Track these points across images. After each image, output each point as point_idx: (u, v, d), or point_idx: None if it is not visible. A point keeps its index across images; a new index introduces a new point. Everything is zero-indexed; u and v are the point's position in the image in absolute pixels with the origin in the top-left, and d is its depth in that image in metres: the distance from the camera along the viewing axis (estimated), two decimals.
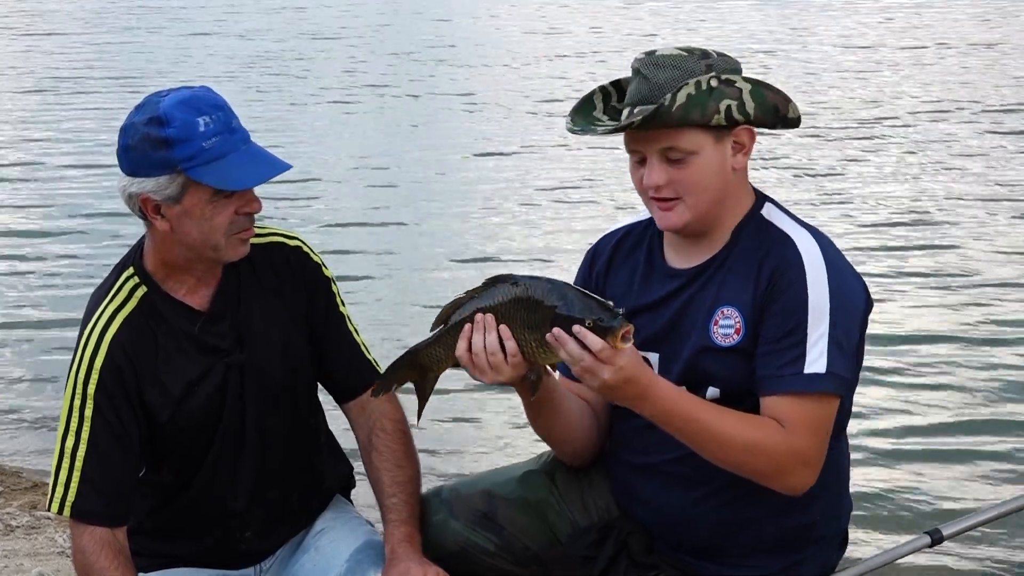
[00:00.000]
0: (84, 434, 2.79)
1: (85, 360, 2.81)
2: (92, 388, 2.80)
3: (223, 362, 2.89)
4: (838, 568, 2.93)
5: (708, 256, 2.79)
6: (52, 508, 2.82)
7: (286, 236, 3.03)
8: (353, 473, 3.25)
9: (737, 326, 2.72)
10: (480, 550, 2.96)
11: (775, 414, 2.65)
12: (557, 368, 2.78)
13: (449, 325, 2.68)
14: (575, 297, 2.55)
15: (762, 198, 2.83)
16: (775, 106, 2.73)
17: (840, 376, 2.66)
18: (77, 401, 2.80)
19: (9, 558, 4.55)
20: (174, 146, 2.69)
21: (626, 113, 2.74)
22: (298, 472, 3.04)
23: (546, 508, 2.97)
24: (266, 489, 2.99)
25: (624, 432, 2.89)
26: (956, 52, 16.45)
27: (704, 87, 2.65)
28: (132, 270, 2.88)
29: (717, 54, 2.74)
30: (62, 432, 2.81)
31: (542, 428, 2.89)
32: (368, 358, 3.08)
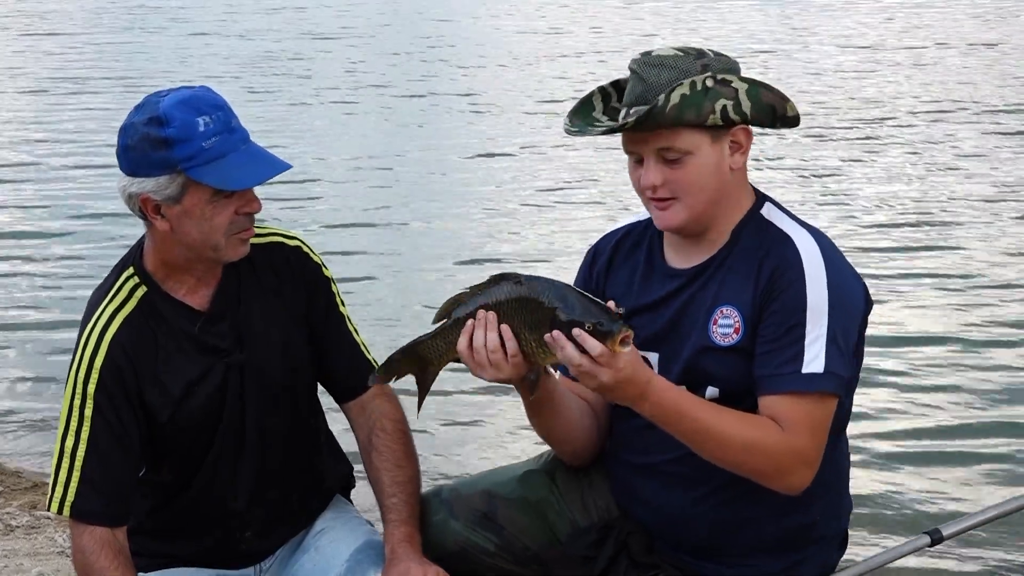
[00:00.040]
0: (84, 434, 2.79)
1: (85, 360, 2.81)
2: (92, 388, 2.79)
3: (223, 362, 2.89)
4: (838, 568, 2.93)
5: (708, 256, 2.79)
6: (52, 508, 2.82)
7: (286, 236, 3.03)
8: (353, 473, 3.25)
9: (736, 326, 2.72)
10: (480, 550, 2.95)
11: (773, 413, 2.64)
12: (557, 368, 2.78)
13: (452, 320, 2.68)
14: (576, 300, 2.54)
15: (762, 198, 2.83)
16: (772, 105, 2.73)
17: (838, 376, 2.66)
18: (77, 401, 2.80)
19: (9, 558, 4.55)
20: (174, 146, 2.69)
21: (623, 114, 2.74)
22: (298, 472, 3.04)
23: (546, 508, 2.97)
24: (266, 489, 2.98)
25: (624, 432, 2.89)
26: (957, 52, 16.45)
27: (699, 87, 2.65)
28: (132, 270, 2.88)
29: (714, 54, 2.74)
30: (62, 432, 2.81)
31: (542, 427, 2.89)
32: (368, 358, 3.08)
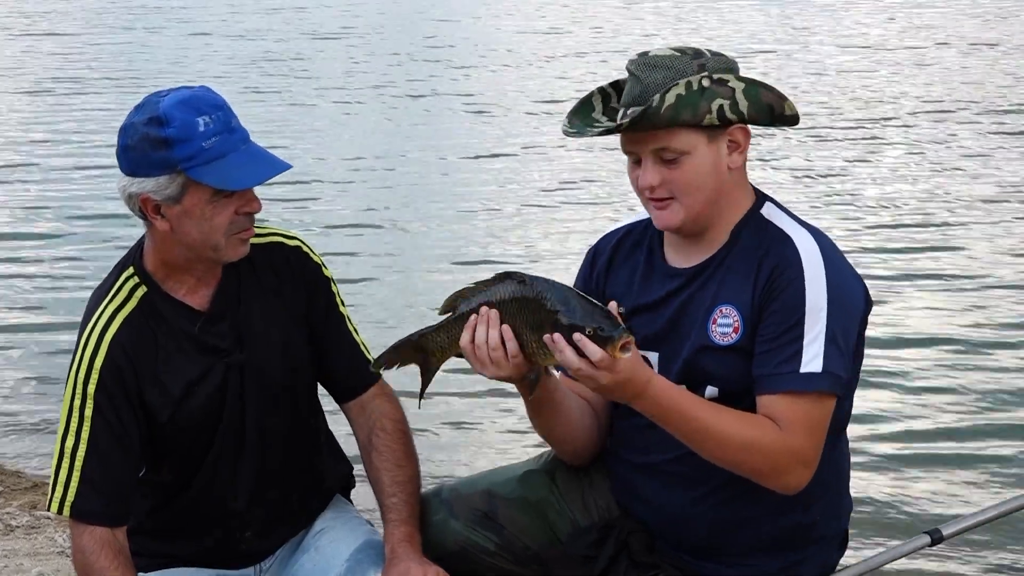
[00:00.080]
0: (84, 434, 2.79)
1: (85, 360, 2.81)
2: (92, 388, 2.79)
3: (223, 362, 2.88)
4: (838, 568, 2.93)
5: (707, 255, 2.79)
6: (52, 508, 2.82)
7: (286, 236, 3.03)
8: (353, 473, 3.24)
9: (735, 325, 2.72)
10: (480, 550, 2.95)
11: (772, 413, 2.64)
12: (558, 368, 2.78)
13: (456, 314, 2.68)
14: (578, 303, 2.54)
15: (762, 198, 2.83)
16: (770, 105, 2.72)
17: (837, 375, 2.66)
18: (77, 401, 2.80)
19: (9, 558, 4.55)
20: (174, 146, 2.69)
21: (620, 114, 2.74)
22: (298, 472, 3.04)
23: (546, 507, 2.97)
24: (266, 489, 2.98)
25: (625, 431, 2.89)
26: (958, 52, 16.43)
27: (695, 87, 2.65)
28: (132, 270, 2.88)
29: (711, 53, 2.74)
30: (62, 432, 2.81)
31: (542, 427, 2.89)
32: (368, 358, 3.07)
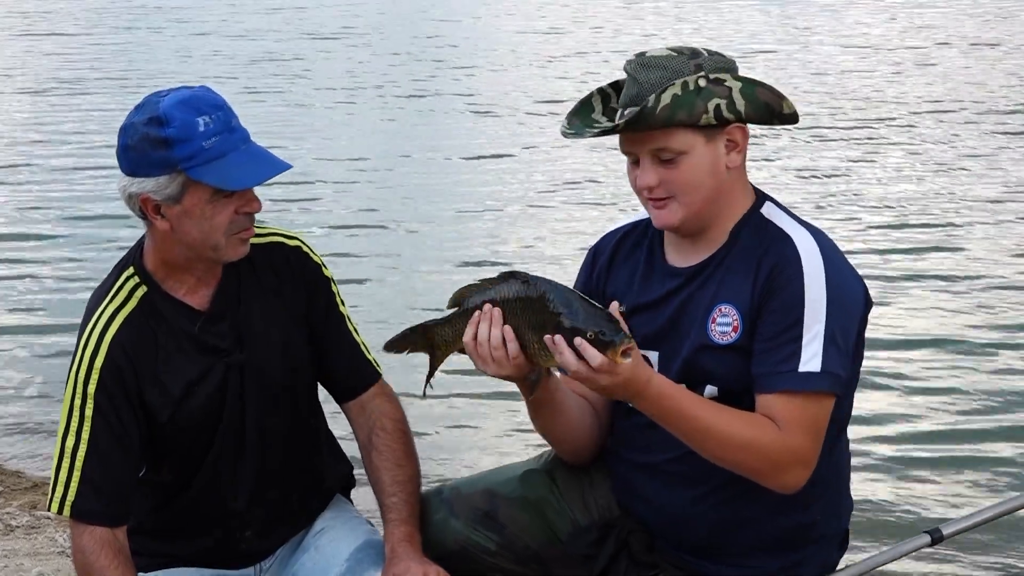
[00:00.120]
0: (84, 434, 2.79)
1: (85, 360, 2.81)
2: (92, 388, 2.79)
3: (223, 362, 2.88)
4: (838, 567, 2.93)
5: (707, 255, 2.79)
6: (52, 508, 2.82)
7: (286, 236, 3.03)
8: (353, 473, 3.24)
9: (735, 324, 2.72)
10: (481, 549, 2.95)
11: (770, 412, 2.64)
12: (559, 368, 2.78)
13: (461, 310, 2.69)
14: (580, 306, 2.54)
15: (762, 197, 2.83)
16: (767, 103, 2.72)
17: (836, 375, 2.66)
18: (77, 401, 2.80)
19: (9, 558, 4.55)
20: (174, 146, 2.69)
21: (618, 115, 2.74)
22: (298, 472, 3.04)
23: (547, 507, 2.97)
24: (266, 489, 2.98)
25: (625, 430, 2.89)
26: (959, 52, 16.43)
27: (691, 87, 2.65)
28: (132, 270, 2.88)
29: (708, 53, 2.74)
30: (62, 432, 2.81)
31: (542, 426, 2.89)
32: (368, 358, 3.08)
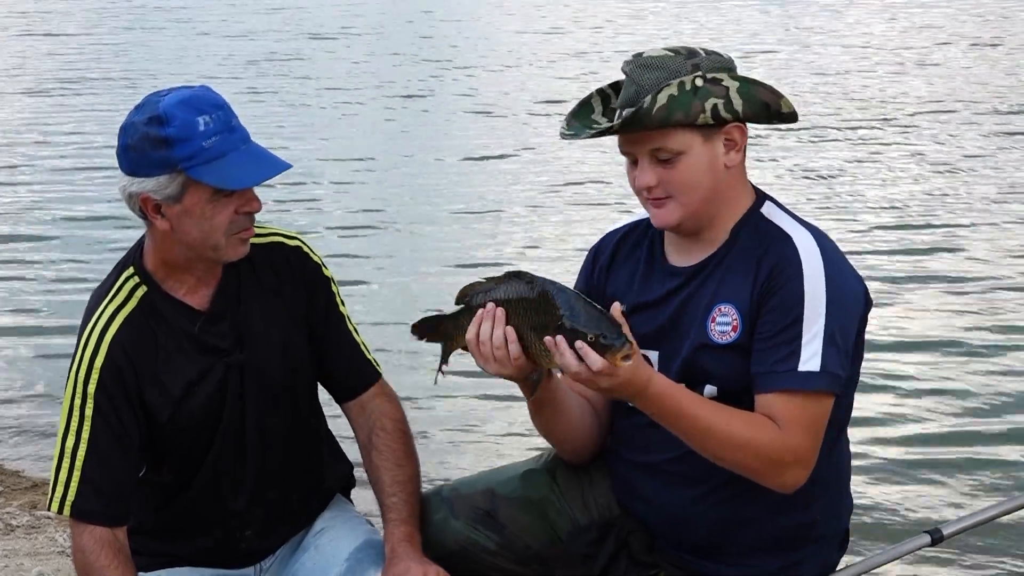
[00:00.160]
0: (84, 434, 2.79)
1: (85, 360, 2.81)
2: (92, 388, 2.79)
3: (223, 362, 2.88)
4: (838, 567, 2.93)
5: (707, 254, 2.79)
6: (52, 507, 2.82)
7: (286, 236, 3.03)
8: (353, 473, 3.24)
9: (734, 323, 2.72)
10: (481, 549, 2.95)
11: (769, 412, 2.64)
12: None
13: (465, 307, 2.70)
14: (582, 309, 2.54)
15: (763, 197, 2.83)
16: (765, 102, 2.72)
17: (835, 374, 2.66)
18: (77, 401, 2.80)
19: (9, 558, 4.55)
20: (174, 145, 2.69)
21: (616, 116, 2.74)
22: (298, 472, 3.04)
23: (547, 506, 2.97)
24: (266, 489, 2.98)
25: (626, 429, 2.89)
26: (960, 51, 16.42)
27: (688, 87, 2.65)
28: (132, 270, 2.88)
29: (706, 53, 2.74)
30: (62, 432, 2.81)
31: (543, 425, 2.90)
32: (368, 358, 3.08)
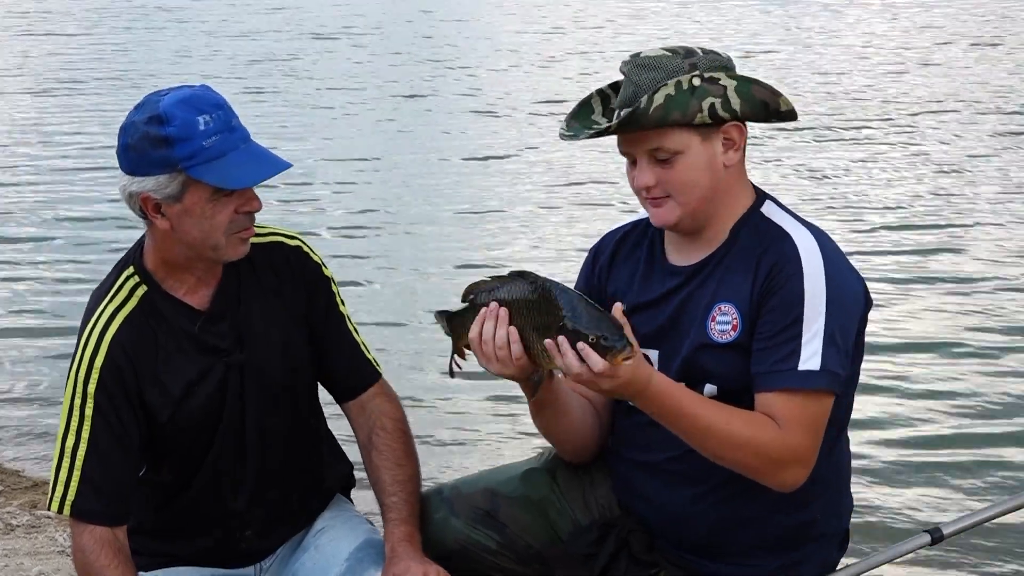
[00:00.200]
0: (84, 433, 2.79)
1: (85, 359, 2.80)
2: (92, 387, 2.79)
3: (223, 362, 2.88)
4: (839, 567, 2.93)
5: (707, 253, 2.79)
6: (52, 507, 2.82)
7: (286, 236, 3.03)
8: (353, 473, 3.24)
9: (734, 322, 2.72)
10: (482, 548, 2.95)
11: (770, 411, 2.64)
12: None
13: (470, 305, 2.71)
14: (584, 310, 2.55)
15: (763, 196, 2.83)
16: (763, 101, 2.72)
17: (835, 373, 2.66)
18: (77, 400, 2.80)
19: (9, 557, 4.55)
20: (174, 145, 2.69)
21: (615, 116, 2.74)
22: (298, 472, 3.04)
23: (547, 506, 2.97)
24: (266, 489, 2.98)
25: (626, 428, 2.89)
26: (961, 51, 16.43)
27: (685, 87, 2.65)
28: (132, 269, 2.88)
29: (703, 52, 2.74)
30: (62, 431, 2.81)
31: (544, 426, 2.90)
32: (368, 358, 3.08)
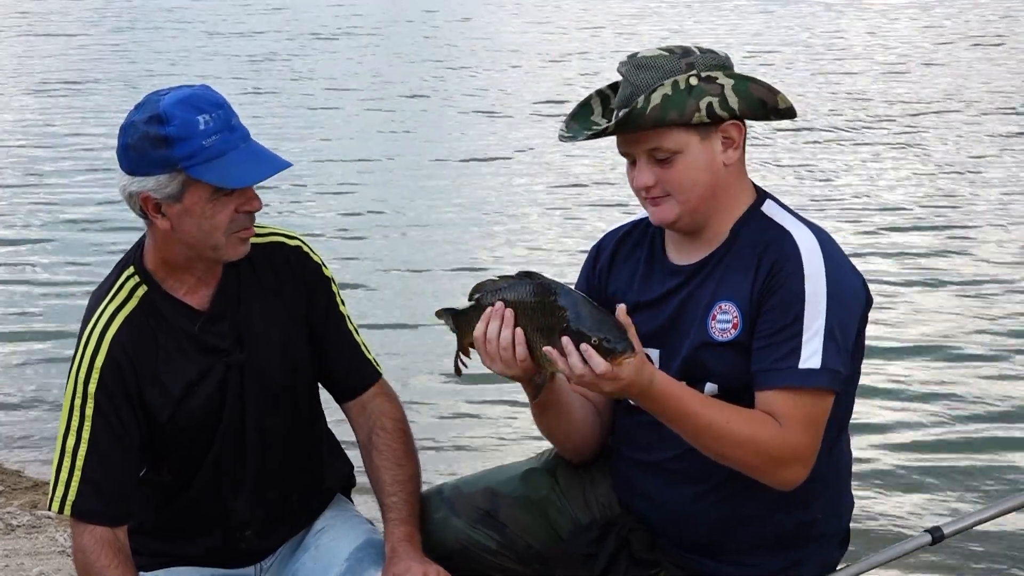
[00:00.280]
0: (85, 433, 2.79)
1: (86, 359, 2.80)
2: (93, 387, 2.79)
3: (223, 362, 2.88)
4: (839, 566, 2.93)
5: (707, 252, 2.79)
6: (53, 507, 2.82)
7: (286, 236, 3.03)
8: (354, 473, 3.24)
9: (735, 321, 2.72)
10: (482, 548, 2.95)
11: (770, 409, 2.64)
12: None
13: (476, 304, 2.71)
14: (588, 312, 2.55)
15: (763, 195, 2.83)
16: (761, 99, 2.72)
17: (835, 371, 2.65)
18: (78, 400, 2.80)
19: (10, 557, 4.56)
20: (174, 144, 2.69)
21: (613, 116, 2.74)
22: (298, 472, 3.04)
23: (548, 506, 2.97)
24: (266, 489, 2.98)
25: (627, 428, 2.89)
26: (963, 51, 16.42)
27: (682, 86, 2.65)
28: (132, 269, 2.88)
29: (701, 51, 2.73)
30: (63, 431, 2.81)
31: (546, 426, 2.90)
32: (368, 358, 3.08)
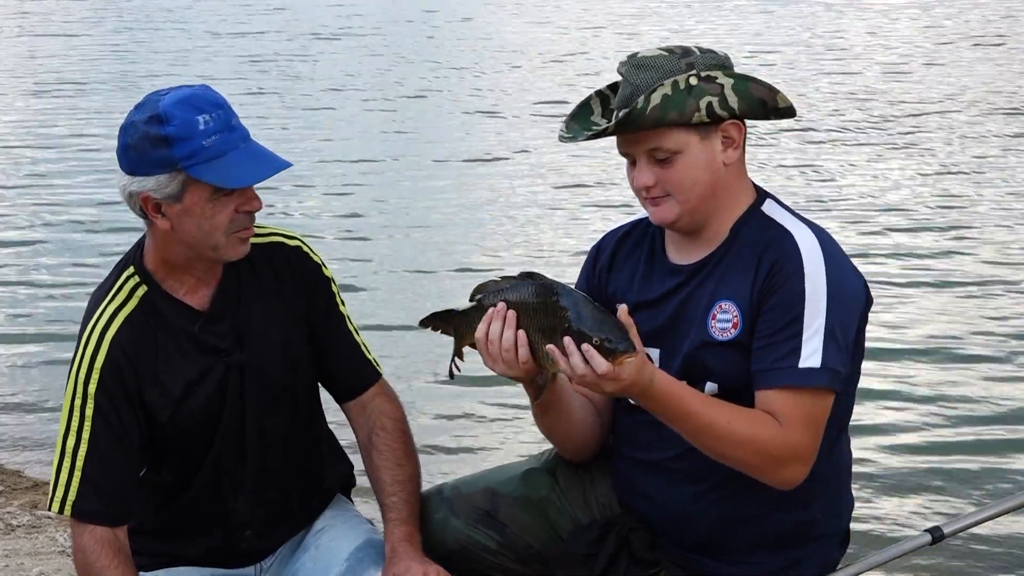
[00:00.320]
0: (85, 434, 2.79)
1: (86, 360, 2.81)
2: (93, 388, 2.79)
3: (223, 362, 2.88)
4: (839, 566, 2.93)
5: (708, 252, 2.79)
6: (53, 507, 2.82)
7: (286, 236, 3.03)
8: (354, 473, 3.24)
9: (735, 320, 2.72)
10: (482, 548, 2.95)
11: (770, 408, 2.64)
12: None
13: (477, 305, 2.71)
14: (589, 312, 2.55)
15: (763, 195, 2.83)
16: (761, 99, 2.72)
17: (835, 371, 2.65)
18: (78, 400, 2.80)
19: (10, 557, 4.56)
20: (174, 144, 2.69)
21: (613, 117, 2.74)
22: (298, 472, 3.04)
23: (548, 506, 2.97)
24: (266, 489, 2.98)
25: (628, 427, 2.89)
26: (964, 51, 16.43)
27: (682, 86, 2.65)
28: (132, 269, 2.88)
29: (700, 51, 2.73)
30: (63, 431, 2.81)
31: (546, 426, 2.90)
32: (368, 358, 3.08)
